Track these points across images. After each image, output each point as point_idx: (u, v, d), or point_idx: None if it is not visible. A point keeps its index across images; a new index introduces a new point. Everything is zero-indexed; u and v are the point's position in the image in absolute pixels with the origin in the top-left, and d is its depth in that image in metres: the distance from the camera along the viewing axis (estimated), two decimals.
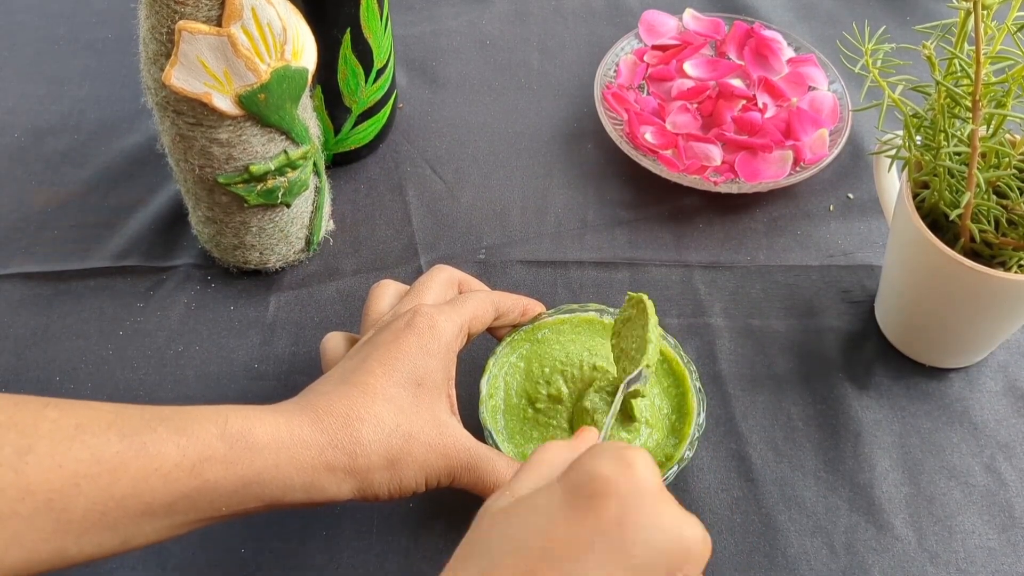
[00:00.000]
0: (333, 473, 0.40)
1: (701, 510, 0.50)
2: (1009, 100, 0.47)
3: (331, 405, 0.41)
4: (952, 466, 0.52)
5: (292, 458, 0.40)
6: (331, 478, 0.40)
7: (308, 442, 0.40)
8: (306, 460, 0.40)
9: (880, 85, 0.50)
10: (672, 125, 0.66)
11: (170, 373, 0.55)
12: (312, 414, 0.41)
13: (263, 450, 0.39)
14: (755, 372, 0.56)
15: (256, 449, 0.39)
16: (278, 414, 0.41)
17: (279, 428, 0.40)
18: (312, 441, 0.40)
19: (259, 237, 0.57)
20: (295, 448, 0.40)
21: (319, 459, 0.40)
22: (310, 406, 0.42)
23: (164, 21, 0.46)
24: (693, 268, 0.61)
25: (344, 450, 0.40)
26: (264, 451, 0.39)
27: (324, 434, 0.40)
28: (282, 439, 0.40)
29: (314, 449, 0.40)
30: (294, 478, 0.40)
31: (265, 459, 0.39)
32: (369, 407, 0.42)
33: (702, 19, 0.74)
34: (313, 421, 0.41)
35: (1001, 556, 0.49)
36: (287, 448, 0.40)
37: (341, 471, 0.40)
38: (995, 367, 0.56)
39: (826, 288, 0.60)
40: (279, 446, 0.39)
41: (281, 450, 0.39)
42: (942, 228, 0.51)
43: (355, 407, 0.42)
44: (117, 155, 0.66)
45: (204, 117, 0.49)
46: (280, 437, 0.40)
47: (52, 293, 0.58)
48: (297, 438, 0.40)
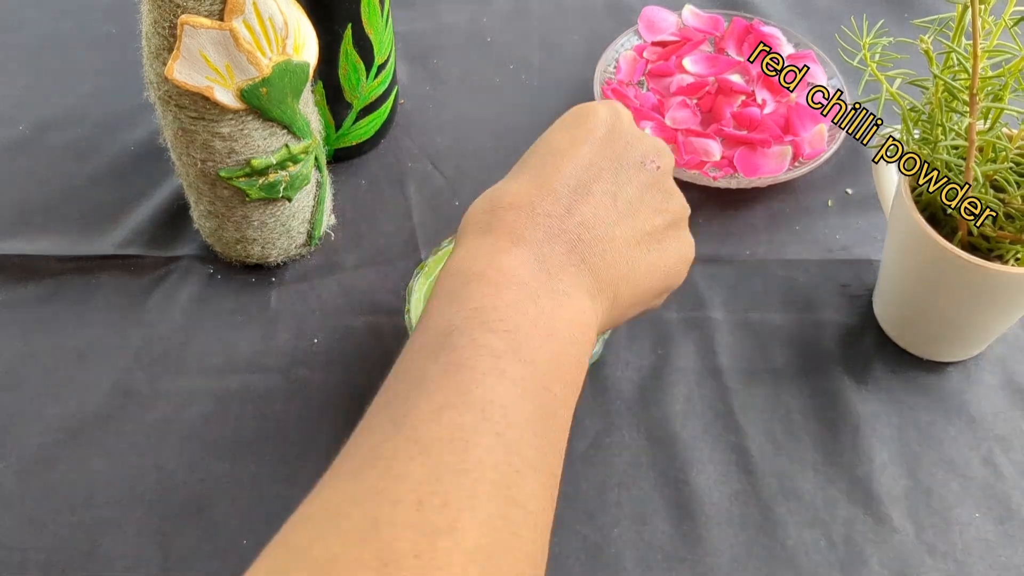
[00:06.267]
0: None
1: (700, 502, 0.50)
2: (1006, 94, 0.47)
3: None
4: (950, 459, 0.52)
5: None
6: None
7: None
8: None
9: (878, 79, 0.50)
10: (672, 121, 0.66)
11: (172, 364, 0.55)
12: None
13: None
14: (754, 366, 0.56)
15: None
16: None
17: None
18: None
19: (260, 231, 0.57)
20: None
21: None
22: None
23: (166, 16, 0.47)
24: (693, 262, 0.61)
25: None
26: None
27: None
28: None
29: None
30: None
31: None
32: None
33: (701, 15, 0.74)
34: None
35: (998, 548, 0.49)
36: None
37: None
38: (993, 361, 0.56)
39: (825, 282, 0.60)
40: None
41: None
42: (940, 222, 0.51)
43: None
44: (120, 149, 0.66)
45: (206, 111, 0.50)
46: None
47: (57, 282, 0.59)
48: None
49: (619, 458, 0.52)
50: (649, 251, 0.41)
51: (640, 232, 0.41)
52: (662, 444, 0.52)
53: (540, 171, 0.40)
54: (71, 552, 0.48)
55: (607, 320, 0.40)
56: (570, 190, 0.40)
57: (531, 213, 0.39)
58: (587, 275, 0.39)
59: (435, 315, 0.36)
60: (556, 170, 0.40)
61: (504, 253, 0.38)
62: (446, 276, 0.38)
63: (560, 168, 0.40)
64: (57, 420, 0.53)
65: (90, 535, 0.48)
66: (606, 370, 0.55)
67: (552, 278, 0.38)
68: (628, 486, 0.51)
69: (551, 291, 0.37)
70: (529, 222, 0.39)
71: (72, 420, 0.53)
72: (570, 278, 0.38)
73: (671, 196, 0.43)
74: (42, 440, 0.52)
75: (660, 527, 0.49)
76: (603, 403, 0.54)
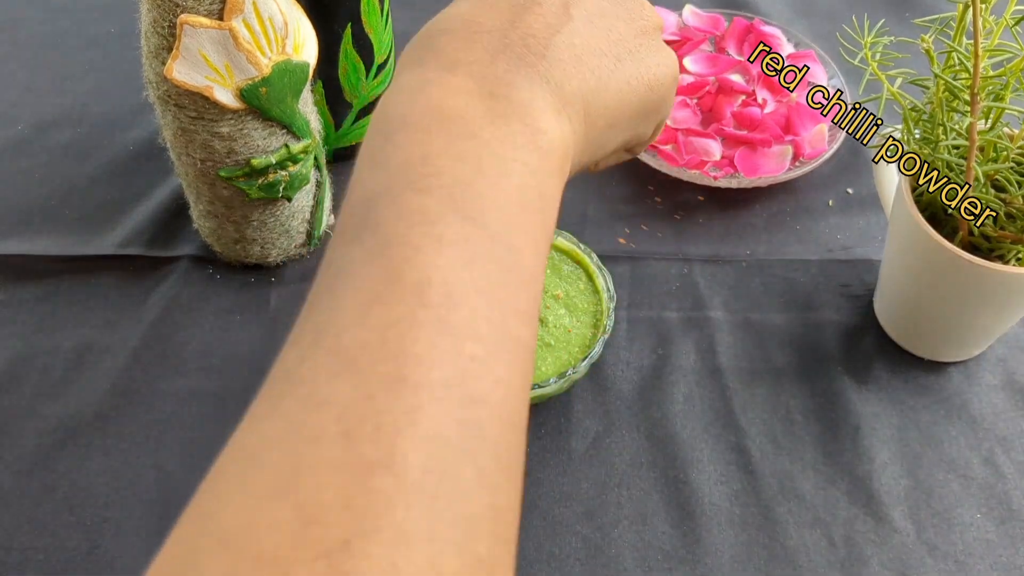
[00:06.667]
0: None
1: (700, 502, 0.50)
2: (1007, 93, 0.47)
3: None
4: (951, 459, 0.52)
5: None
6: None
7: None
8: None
9: (879, 78, 0.50)
10: (672, 120, 0.66)
11: (172, 365, 0.55)
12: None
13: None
14: (754, 366, 0.56)
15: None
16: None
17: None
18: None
19: (260, 231, 0.57)
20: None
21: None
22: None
23: (166, 15, 0.46)
24: (693, 262, 0.61)
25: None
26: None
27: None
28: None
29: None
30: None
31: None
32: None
33: (702, 15, 0.74)
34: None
35: (999, 548, 0.49)
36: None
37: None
38: (994, 361, 0.56)
39: (825, 282, 0.60)
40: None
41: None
42: (940, 222, 0.51)
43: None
44: (119, 149, 0.66)
45: (205, 111, 0.50)
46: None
47: (57, 282, 0.59)
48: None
49: (619, 458, 0.52)
50: (620, 61, 0.35)
51: (605, 41, 0.35)
52: (662, 444, 0.52)
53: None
54: (71, 552, 0.48)
55: (584, 144, 0.34)
56: (511, 2, 0.34)
57: (467, 30, 0.33)
58: (543, 86, 0.32)
59: (357, 185, 0.30)
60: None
61: (434, 84, 0.31)
62: (370, 130, 0.32)
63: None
64: (56, 420, 0.52)
65: (90, 535, 0.48)
66: (606, 370, 0.55)
67: (497, 99, 0.31)
68: (628, 486, 0.51)
69: (496, 116, 0.31)
70: (465, 43, 0.32)
71: (72, 420, 0.52)
72: (521, 93, 0.31)
73: (638, 3, 0.37)
74: (41, 440, 0.52)
75: (660, 527, 0.49)
76: (603, 403, 0.54)
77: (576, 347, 0.52)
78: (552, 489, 0.50)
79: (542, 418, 0.53)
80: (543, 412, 0.53)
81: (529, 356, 0.29)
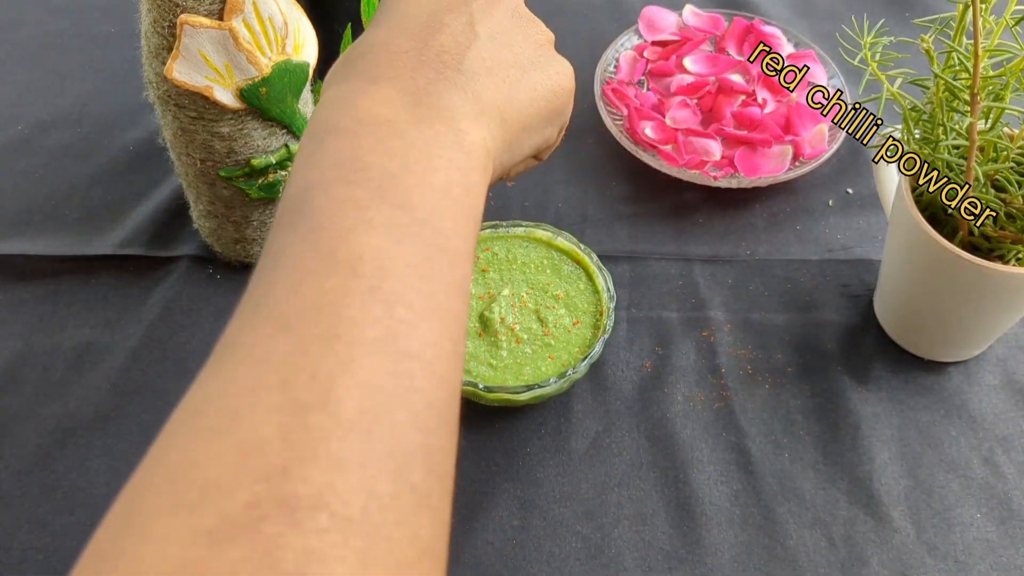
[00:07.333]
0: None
1: (700, 502, 0.50)
2: (1007, 93, 0.47)
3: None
4: (950, 459, 0.52)
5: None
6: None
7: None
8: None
9: (879, 78, 0.50)
10: (672, 120, 0.66)
11: (172, 365, 0.55)
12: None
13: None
14: (754, 365, 0.56)
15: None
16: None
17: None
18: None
19: (260, 231, 0.57)
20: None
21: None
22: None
23: (166, 15, 0.46)
24: (693, 262, 0.61)
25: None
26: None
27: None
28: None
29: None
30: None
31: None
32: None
33: (702, 15, 0.74)
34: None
35: (999, 548, 0.49)
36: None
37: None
38: (993, 361, 0.56)
39: (825, 282, 0.60)
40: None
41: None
42: (940, 222, 0.51)
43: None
44: (119, 149, 0.66)
45: (206, 111, 0.50)
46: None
47: (57, 282, 0.59)
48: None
49: (619, 458, 0.52)
50: (525, 71, 0.38)
51: (509, 53, 0.38)
52: (662, 444, 0.52)
53: (388, 18, 0.38)
54: (70, 552, 0.48)
55: (502, 147, 0.37)
56: (421, 25, 0.37)
57: (386, 52, 0.35)
58: (461, 95, 0.35)
59: (291, 182, 0.32)
60: (403, 13, 0.37)
61: (360, 94, 0.34)
62: (303, 139, 0.34)
63: (405, 11, 0.37)
64: (56, 420, 0.52)
65: (89, 535, 0.48)
66: (606, 370, 0.55)
67: (420, 106, 0.34)
68: (628, 486, 0.51)
69: (421, 119, 0.33)
70: (385, 62, 0.35)
71: (71, 420, 0.52)
72: (443, 100, 0.34)
73: (532, 20, 0.40)
74: (41, 440, 0.52)
75: (660, 527, 0.49)
76: (603, 403, 0.54)
77: (576, 347, 0.52)
78: (552, 489, 0.50)
79: (542, 418, 0.53)
80: (543, 412, 0.53)
81: (460, 326, 0.31)
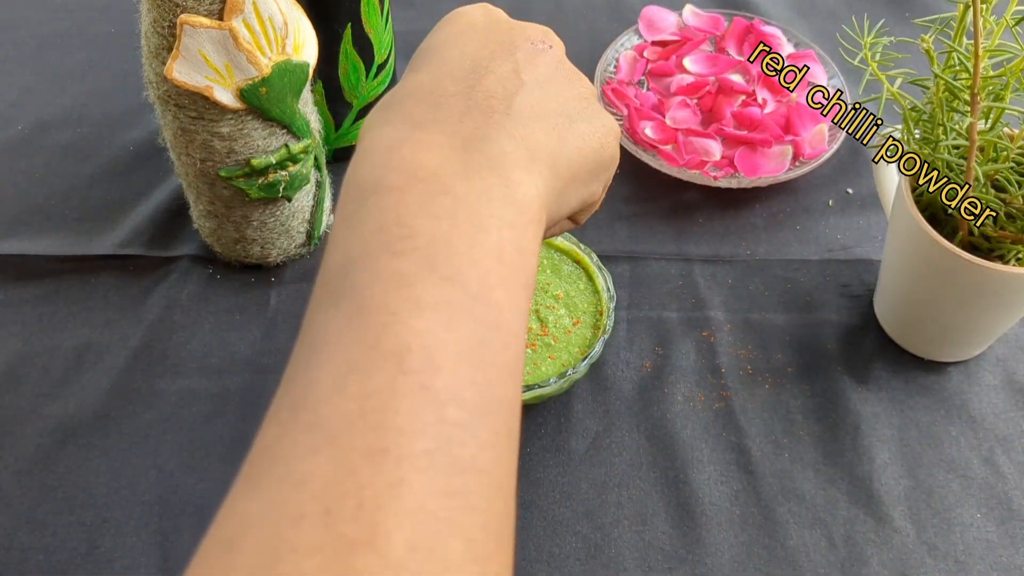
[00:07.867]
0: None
1: (700, 502, 0.50)
2: (1007, 93, 0.47)
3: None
4: (951, 459, 0.52)
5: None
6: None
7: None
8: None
9: (879, 78, 0.50)
10: (672, 120, 0.66)
11: (172, 365, 0.55)
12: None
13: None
14: (754, 365, 0.56)
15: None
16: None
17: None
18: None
19: (260, 231, 0.57)
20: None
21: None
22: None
23: (166, 15, 0.46)
24: (693, 262, 0.61)
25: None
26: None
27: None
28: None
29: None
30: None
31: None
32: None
33: (702, 15, 0.74)
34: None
35: (999, 548, 0.49)
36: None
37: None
38: (993, 361, 0.56)
39: (825, 282, 0.60)
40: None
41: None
42: (940, 222, 0.51)
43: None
44: (119, 149, 0.66)
45: (206, 111, 0.50)
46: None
47: (57, 282, 0.59)
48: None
49: (619, 458, 0.52)
50: (572, 121, 0.36)
51: (556, 102, 0.36)
52: (662, 444, 0.52)
53: (429, 63, 0.36)
54: (70, 552, 0.48)
55: (553, 197, 0.34)
56: (467, 71, 0.35)
57: (432, 96, 0.33)
58: (511, 141, 0.33)
59: (333, 250, 0.30)
60: (446, 59, 0.35)
61: (405, 143, 0.31)
62: (344, 195, 0.31)
63: (449, 56, 0.36)
64: (56, 420, 0.52)
65: (89, 535, 0.48)
66: (606, 370, 0.55)
67: (470, 152, 0.31)
68: (628, 486, 0.51)
69: (470, 170, 0.31)
70: (430, 105, 0.33)
71: (71, 420, 0.52)
72: (493, 147, 0.32)
73: (576, 74, 0.39)
74: (41, 440, 0.52)
75: (660, 527, 0.49)
76: (603, 403, 0.54)
77: (576, 347, 0.52)
78: (552, 489, 0.50)
79: (542, 418, 0.53)
80: (543, 412, 0.53)
81: (515, 415, 0.28)
